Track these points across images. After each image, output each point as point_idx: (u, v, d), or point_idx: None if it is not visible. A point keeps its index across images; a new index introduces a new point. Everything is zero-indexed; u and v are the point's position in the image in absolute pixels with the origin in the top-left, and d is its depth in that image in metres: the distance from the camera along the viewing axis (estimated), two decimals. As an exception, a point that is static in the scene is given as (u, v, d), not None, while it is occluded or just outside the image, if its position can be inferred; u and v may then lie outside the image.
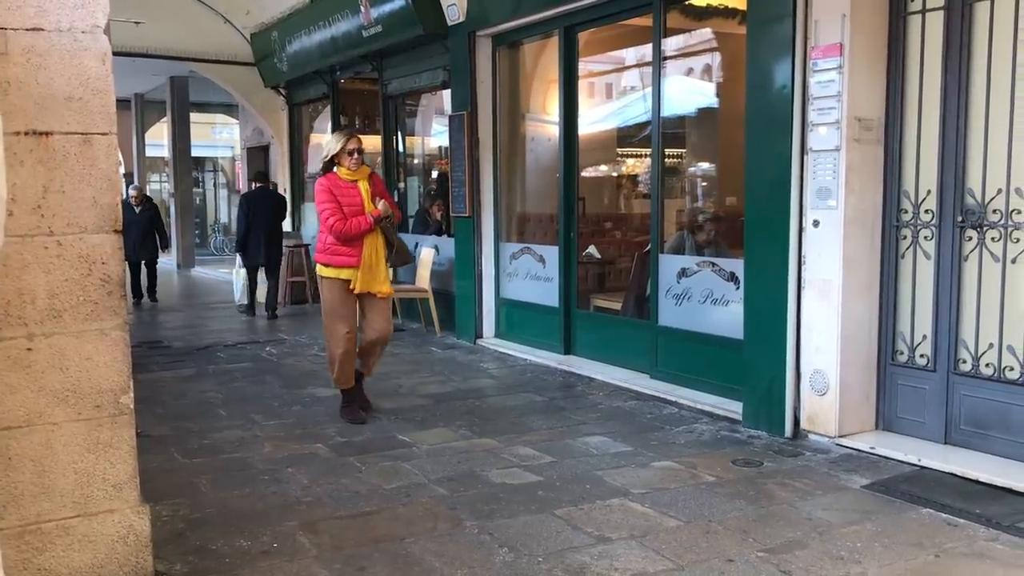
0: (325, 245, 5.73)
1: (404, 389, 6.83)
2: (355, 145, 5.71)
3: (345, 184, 5.68)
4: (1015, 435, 4.60)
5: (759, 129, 5.45)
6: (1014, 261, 4.59)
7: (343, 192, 5.65)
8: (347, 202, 5.64)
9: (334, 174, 5.72)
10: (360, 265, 5.65)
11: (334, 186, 5.66)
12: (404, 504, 4.29)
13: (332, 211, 5.60)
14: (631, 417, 5.90)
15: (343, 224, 5.58)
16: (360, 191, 5.70)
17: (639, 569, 3.51)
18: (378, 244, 5.73)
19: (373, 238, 5.70)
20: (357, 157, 5.70)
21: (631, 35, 8.13)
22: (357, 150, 5.71)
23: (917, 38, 4.97)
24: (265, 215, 10.71)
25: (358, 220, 5.61)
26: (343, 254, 5.66)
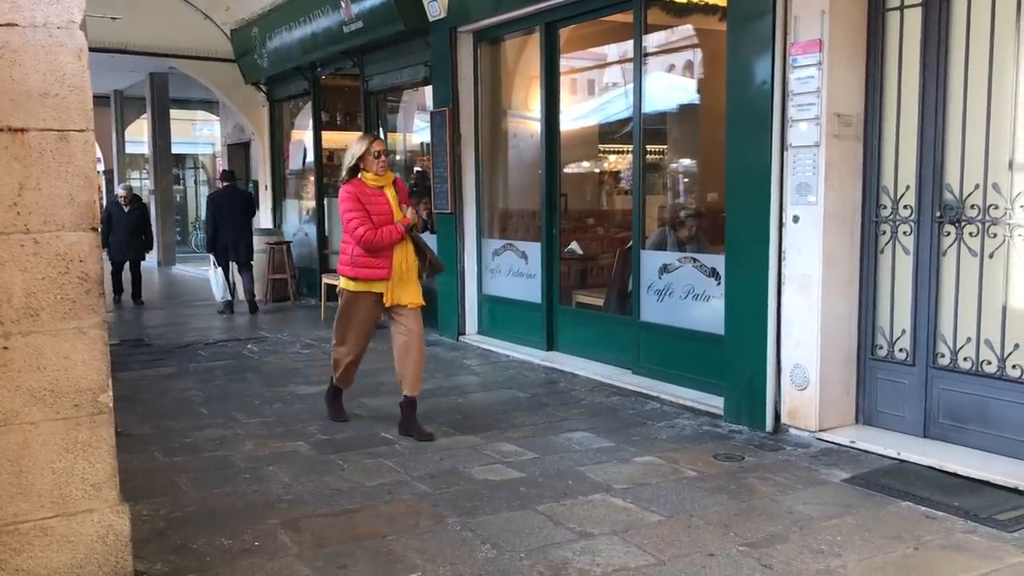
0: (352, 257, 5.31)
1: (386, 386, 6.80)
2: (379, 148, 5.37)
3: (372, 191, 5.31)
4: (992, 428, 4.65)
5: (739, 125, 5.47)
6: (991, 256, 4.63)
7: (370, 200, 5.28)
8: (375, 210, 5.26)
9: (359, 181, 5.34)
10: (391, 277, 5.31)
11: (361, 193, 5.28)
12: (386, 502, 4.28)
13: (361, 220, 5.21)
14: (613, 413, 5.91)
15: (374, 234, 5.19)
16: (388, 198, 5.35)
17: (621, 564, 3.52)
18: (408, 254, 5.37)
19: (403, 248, 5.34)
20: (383, 161, 5.34)
21: (612, 31, 8.13)
22: (382, 153, 5.37)
23: (896, 34, 5.00)
24: (233, 214, 10.85)
25: (389, 229, 5.23)
26: (372, 266, 5.28)
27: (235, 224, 10.81)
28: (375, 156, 5.32)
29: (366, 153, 5.32)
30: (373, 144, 5.34)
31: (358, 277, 5.33)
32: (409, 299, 5.37)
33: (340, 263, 5.44)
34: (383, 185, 5.38)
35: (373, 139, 5.42)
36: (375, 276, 5.30)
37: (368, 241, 5.20)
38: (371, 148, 5.31)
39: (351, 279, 5.37)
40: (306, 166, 12.89)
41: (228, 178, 11.45)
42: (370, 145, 5.33)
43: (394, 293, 5.34)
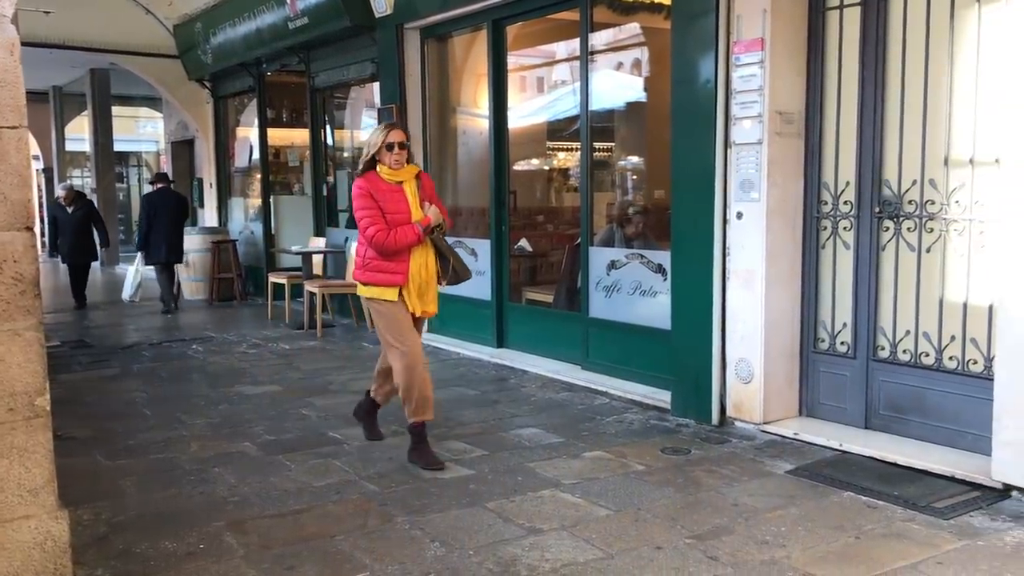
0: (365, 260, 4.79)
1: (335, 385, 6.76)
2: (396, 138, 4.77)
3: (387, 186, 4.75)
4: (931, 418, 4.76)
5: (684, 123, 5.53)
6: (928, 250, 4.74)
7: (385, 196, 4.71)
8: (391, 208, 4.70)
9: (374, 174, 4.77)
10: (407, 283, 4.74)
11: (375, 189, 4.72)
12: (334, 501, 4.25)
13: (372, 219, 4.67)
14: (563, 408, 5.94)
15: (385, 235, 4.63)
16: (406, 194, 4.76)
17: (569, 559, 3.54)
18: (428, 258, 4.80)
19: (422, 251, 4.76)
20: (399, 153, 4.75)
21: (560, 29, 8.16)
22: (399, 144, 4.76)
23: (835, 33, 5.09)
24: (166, 215, 10.99)
25: (403, 230, 4.66)
26: (385, 270, 4.73)
27: (168, 225, 10.99)
28: (388, 148, 4.74)
29: (381, 145, 4.78)
30: (388, 134, 4.78)
31: (370, 282, 4.79)
32: (425, 307, 4.84)
33: (355, 266, 4.95)
34: (402, 180, 4.80)
35: (389, 128, 4.83)
36: (388, 282, 4.74)
37: (380, 243, 4.65)
38: (386, 139, 4.75)
39: (364, 284, 4.85)
40: (252, 164, 12.74)
41: (162, 179, 11.60)
42: (386, 136, 4.76)
43: (417, 301, 4.78)
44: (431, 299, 4.87)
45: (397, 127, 4.91)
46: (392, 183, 4.77)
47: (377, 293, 4.78)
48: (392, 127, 4.87)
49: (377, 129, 4.87)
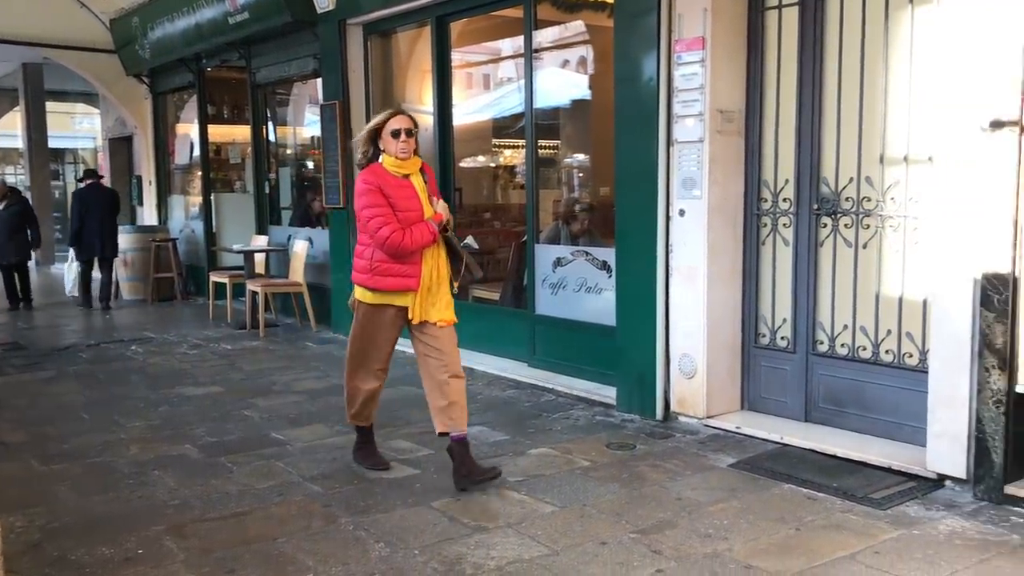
0: (372, 263, 4.27)
1: (278, 386, 6.67)
2: (403, 124, 4.24)
3: (395, 180, 4.26)
4: (869, 411, 4.86)
5: (628, 121, 5.57)
6: (865, 246, 4.84)
7: (394, 191, 4.22)
8: (402, 205, 4.21)
9: (379, 166, 4.28)
10: (420, 287, 4.31)
11: (383, 183, 4.22)
12: (277, 503, 4.20)
13: (385, 218, 4.16)
14: (509, 406, 5.95)
15: (402, 235, 4.15)
16: (416, 189, 4.30)
17: (515, 556, 3.55)
18: (440, 259, 4.36)
19: (434, 252, 4.32)
20: (406, 141, 4.24)
21: (504, 26, 8.16)
22: (406, 131, 4.23)
23: (775, 32, 5.17)
24: (98, 211, 10.99)
25: (420, 229, 4.19)
26: (397, 274, 4.25)
27: (100, 221, 11.01)
28: (393, 135, 4.23)
29: (382, 129, 4.26)
30: (391, 119, 4.26)
31: (379, 288, 4.29)
32: (439, 315, 4.38)
33: (356, 269, 4.38)
34: (408, 173, 4.31)
35: (392, 113, 4.31)
36: (401, 287, 4.26)
37: (395, 245, 4.15)
38: (388, 124, 4.25)
39: (370, 290, 4.32)
40: (193, 161, 12.51)
41: (91, 176, 11.62)
42: (387, 120, 4.26)
43: (422, 308, 4.34)
44: (444, 304, 4.39)
45: (403, 112, 4.36)
46: (399, 176, 4.28)
47: (389, 300, 4.30)
48: (397, 112, 4.33)
49: (380, 114, 4.39)
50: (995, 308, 3.94)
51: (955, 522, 3.83)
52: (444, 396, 4.38)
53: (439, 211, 4.32)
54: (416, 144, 4.33)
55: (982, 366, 4.01)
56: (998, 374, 3.96)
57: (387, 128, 4.25)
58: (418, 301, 4.32)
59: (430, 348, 4.41)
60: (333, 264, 8.78)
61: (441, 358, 4.40)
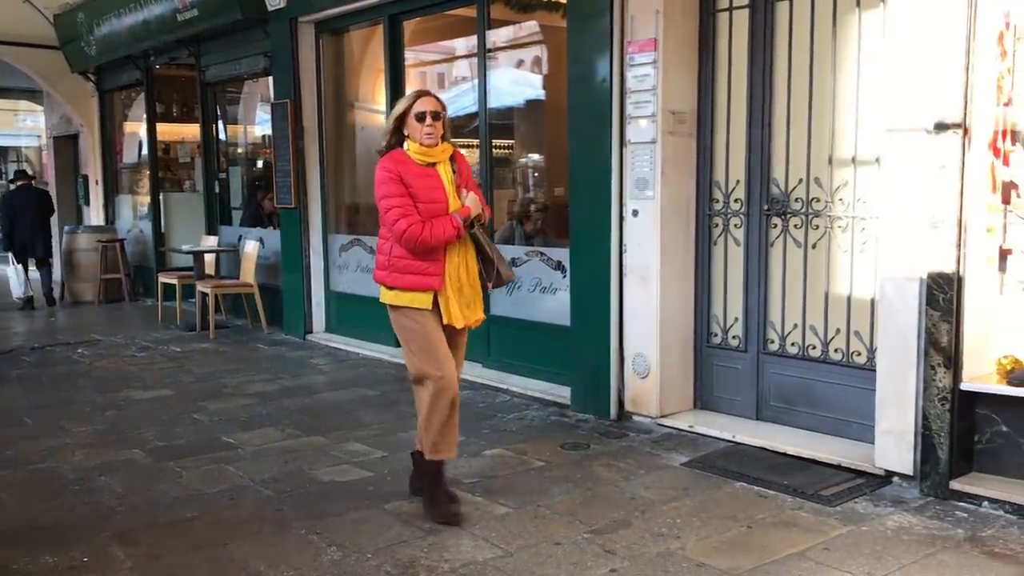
0: (390, 259, 3.91)
1: (229, 388, 6.58)
2: (429, 106, 3.85)
3: (418, 169, 3.89)
4: (818, 409, 4.93)
5: (581, 121, 5.58)
6: (814, 246, 4.91)
7: (416, 181, 3.86)
8: (424, 196, 3.85)
9: (402, 153, 3.92)
10: (443, 287, 3.91)
11: (405, 172, 3.86)
12: (228, 508, 4.14)
13: (403, 209, 3.80)
14: (464, 407, 5.80)
15: (420, 229, 3.79)
16: (441, 179, 3.92)
17: (468, 558, 3.53)
18: (468, 257, 3.97)
19: (460, 248, 3.93)
20: (432, 125, 3.85)
21: (458, 26, 8.12)
22: (432, 114, 3.85)
23: (726, 35, 5.22)
24: (29, 212, 11.01)
25: (441, 223, 3.82)
26: (416, 271, 3.87)
27: (31, 222, 11.02)
28: (419, 119, 3.85)
29: (406, 113, 3.89)
30: (418, 102, 3.88)
31: (398, 286, 3.91)
32: (474, 316, 4.03)
33: (376, 266, 4.05)
34: (436, 161, 3.93)
35: (417, 94, 3.93)
36: (421, 285, 3.89)
37: (412, 238, 3.80)
38: (413, 108, 3.87)
39: (389, 288, 3.95)
40: (141, 160, 12.28)
41: (22, 177, 11.63)
42: (412, 104, 3.88)
43: (461, 310, 3.95)
44: (478, 305, 4.04)
45: (429, 93, 3.95)
46: (424, 164, 3.90)
47: (407, 300, 3.90)
48: (423, 93, 3.94)
49: (405, 97, 4.01)
50: (940, 307, 4.02)
51: (902, 518, 3.90)
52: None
53: (467, 204, 3.92)
54: (445, 129, 3.93)
55: (928, 364, 4.08)
56: (943, 372, 4.04)
57: (412, 111, 3.86)
58: (453, 303, 3.90)
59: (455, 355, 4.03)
60: (285, 265, 8.69)
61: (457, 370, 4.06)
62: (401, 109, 3.91)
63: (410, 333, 3.94)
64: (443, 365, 3.90)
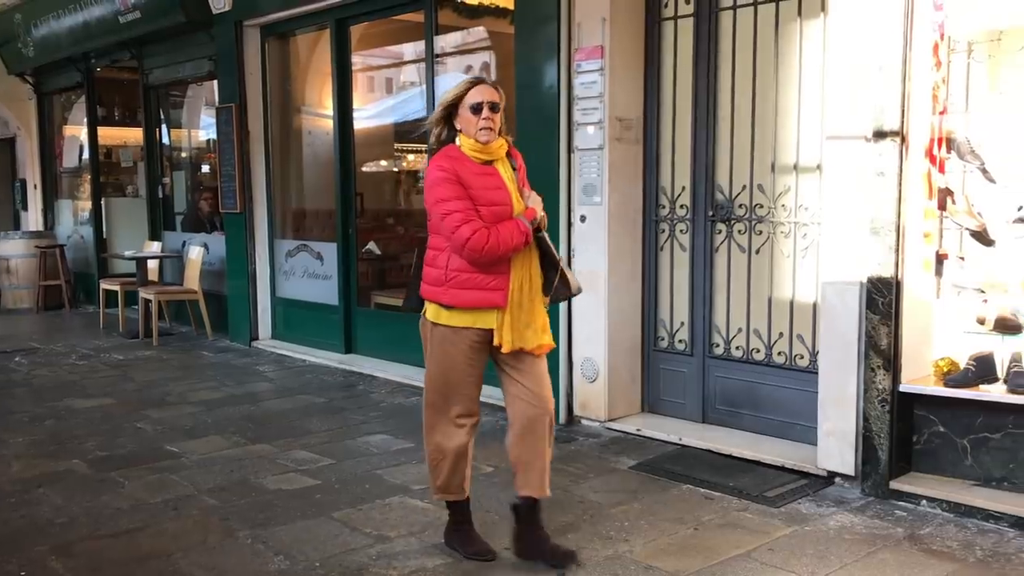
0: (448, 272, 3.38)
1: (172, 397, 6.46)
2: (484, 96, 3.36)
3: (476, 167, 3.39)
4: (762, 411, 5.01)
5: (529, 127, 5.60)
6: (758, 252, 4.99)
7: (475, 181, 3.35)
8: (485, 198, 3.34)
9: (456, 150, 3.41)
10: (507, 304, 3.39)
11: (463, 171, 3.35)
12: (171, 518, 4.06)
13: (465, 214, 3.28)
14: (412, 413, 5.89)
15: (487, 236, 3.27)
16: (501, 178, 3.42)
17: (417, 565, 3.52)
18: (532, 268, 3.44)
19: (525, 258, 3.41)
20: (490, 117, 3.35)
21: (406, 31, 8.11)
22: (490, 104, 3.35)
23: (671, 43, 5.28)
24: None
25: (508, 228, 3.31)
26: (479, 286, 3.35)
27: None
28: (474, 110, 3.35)
29: (460, 102, 3.38)
30: (472, 90, 3.38)
31: (456, 304, 3.38)
32: (537, 339, 3.45)
33: (426, 280, 3.52)
34: (493, 158, 3.43)
35: (472, 82, 3.41)
36: (484, 302, 3.36)
37: (478, 248, 3.27)
38: (467, 97, 3.37)
39: (445, 307, 3.42)
40: (82, 164, 12.01)
41: None
42: (465, 90, 3.38)
43: (515, 331, 3.39)
44: (540, 325, 3.45)
45: (484, 80, 3.45)
46: (481, 162, 3.41)
47: (468, 321, 3.39)
48: (478, 81, 3.43)
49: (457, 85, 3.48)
50: (880, 311, 4.12)
51: (844, 518, 3.98)
52: (529, 448, 3.52)
53: (531, 205, 3.44)
54: (502, 123, 3.44)
55: (868, 366, 4.17)
56: (883, 374, 4.14)
57: (466, 102, 3.36)
58: (507, 322, 3.37)
59: (520, 385, 3.47)
60: (230, 270, 8.58)
61: (533, 399, 3.48)
62: (451, 97, 3.40)
63: (442, 360, 3.48)
64: (456, 399, 3.48)
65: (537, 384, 3.48)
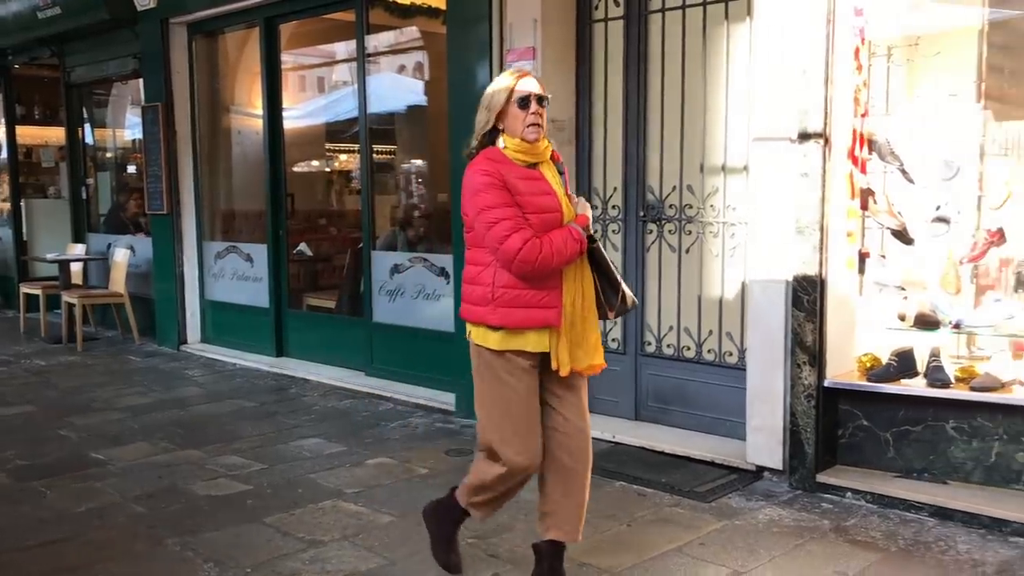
0: (494, 289, 3.03)
1: (98, 403, 6.29)
2: (531, 88, 3.06)
3: (521, 171, 3.06)
4: (693, 408, 5.09)
5: (463, 127, 5.53)
6: (688, 251, 5.07)
7: (522, 186, 3.03)
8: (533, 205, 3.03)
9: (499, 152, 3.08)
10: (560, 322, 3.05)
11: (508, 175, 3.02)
12: (97, 527, 3.96)
13: (514, 222, 2.96)
14: (346, 416, 5.85)
15: (539, 247, 2.95)
16: (548, 183, 3.11)
17: (351, 569, 3.49)
18: (584, 282, 3.12)
19: (578, 270, 3.10)
20: (538, 113, 3.06)
21: (337, 30, 8.03)
22: (537, 98, 3.05)
23: (602, 45, 5.33)
24: None
25: (561, 237, 3.00)
26: (530, 304, 3.01)
27: None
28: (521, 105, 3.04)
29: (507, 98, 3.05)
30: (519, 83, 3.06)
31: (505, 324, 3.02)
32: (587, 359, 3.14)
33: (468, 300, 3.13)
34: (539, 161, 3.13)
35: (518, 75, 3.10)
36: (536, 321, 3.03)
37: (530, 261, 2.95)
38: (514, 93, 3.05)
39: (493, 328, 3.05)
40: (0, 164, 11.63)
41: None
42: (513, 84, 3.06)
43: (570, 351, 3.08)
44: (592, 345, 3.14)
45: (527, 72, 3.15)
46: (526, 165, 3.09)
47: (519, 343, 3.03)
48: (522, 73, 3.12)
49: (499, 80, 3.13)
50: (805, 308, 4.22)
51: (773, 511, 4.06)
52: (567, 490, 3.25)
53: (582, 212, 3.14)
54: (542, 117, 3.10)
55: (794, 363, 4.27)
56: (809, 370, 4.24)
57: (513, 96, 3.05)
58: (561, 342, 3.05)
59: (560, 417, 3.17)
60: (157, 273, 8.39)
61: (575, 433, 3.19)
62: (503, 98, 3.05)
63: (499, 394, 3.08)
64: (528, 446, 3.09)
65: (579, 416, 3.20)
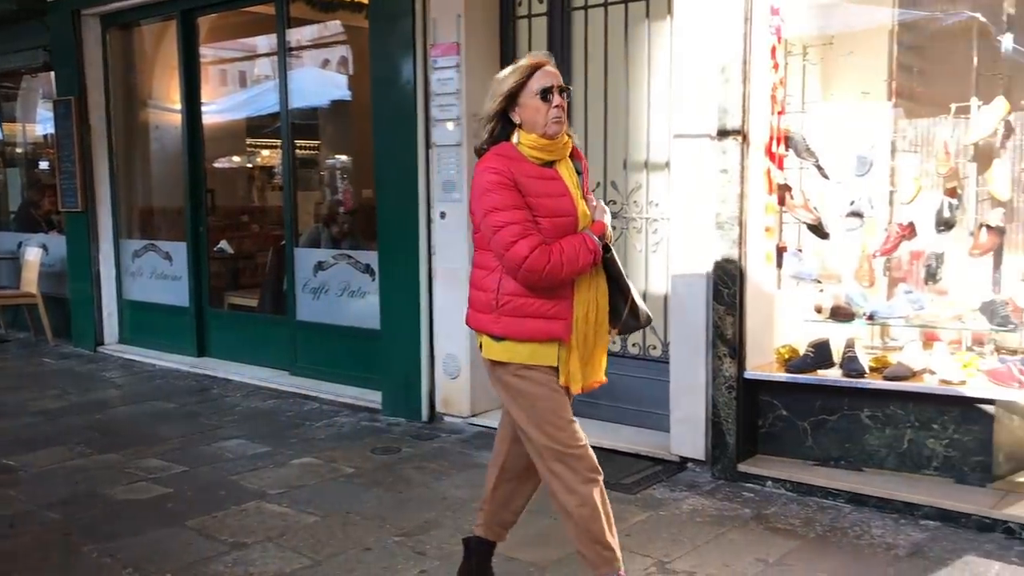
0: (498, 296, 2.85)
1: (9, 407, 6.08)
2: (553, 79, 2.83)
3: (536, 170, 2.84)
4: (618, 401, 5.12)
5: (386, 123, 5.56)
6: (612, 246, 5.11)
7: (534, 187, 2.81)
8: (546, 208, 2.81)
9: (511, 147, 2.86)
10: (569, 336, 2.85)
11: (520, 175, 2.80)
12: (8, 537, 3.83)
13: (523, 227, 2.75)
14: (270, 417, 5.76)
15: (548, 255, 2.75)
16: (566, 184, 2.88)
17: (276, 571, 3.44)
18: (598, 292, 2.90)
19: (592, 281, 2.88)
20: (559, 106, 2.81)
21: (258, 23, 7.89)
22: (558, 89, 2.82)
23: (525, 41, 5.35)
24: None
25: (573, 244, 2.78)
26: (534, 314, 2.82)
27: None
28: (543, 96, 2.81)
29: (523, 87, 2.82)
30: (537, 73, 2.83)
31: (511, 335, 2.84)
32: (592, 376, 2.97)
33: (473, 306, 2.98)
34: (557, 159, 2.90)
35: (536, 64, 2.85)
36: (542, 333, 2.83)
37: (537, 268, 2.75)
38: (531, 82, 2.82)
39: (496, 339, 2.88)
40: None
41: None
42: (530, 74, 2.83)
43: (582, 367, 2.90)
44: (598, 361, 2.97)
45: (548, 61, 2.88)
46: (542, 163, 2.86)
47: (526, 355, 2.84)
48: (541, 62, 2.86)
49: (511, 70, 2.88)
50: (725, 301, 4.30)
51: (696, 501, 4.14)
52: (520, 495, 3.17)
53: (599, 218, 2.90)
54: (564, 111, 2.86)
55: (715, 355, 4.36)
56: (729, 362, 4.32)
57: (529, 88, 2.80)
58: (573, 358, 2.86)
59: None
60: (71, 272, 8.14)
61: None
62: (512, 85, 2.82)
63: (534, 398, 2.85)
64: (578, 435, 2.91)
65: None
